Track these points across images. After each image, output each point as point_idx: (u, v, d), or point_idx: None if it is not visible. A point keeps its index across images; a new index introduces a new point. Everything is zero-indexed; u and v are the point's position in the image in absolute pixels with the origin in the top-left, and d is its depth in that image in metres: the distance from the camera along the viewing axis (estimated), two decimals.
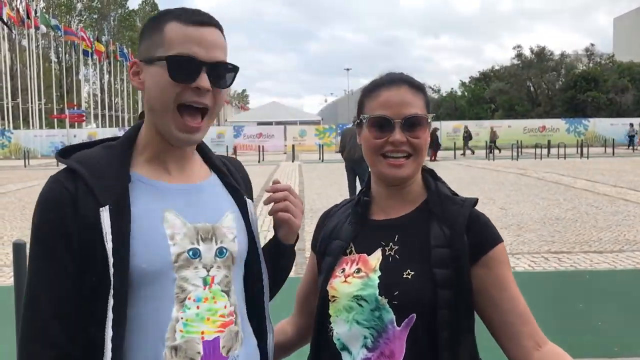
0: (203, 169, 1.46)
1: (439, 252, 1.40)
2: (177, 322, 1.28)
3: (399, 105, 1.44)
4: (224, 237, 1.36)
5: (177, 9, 1.35)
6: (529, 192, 14.76)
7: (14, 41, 47.01)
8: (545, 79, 51.88)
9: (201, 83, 1.28)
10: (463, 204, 1.46)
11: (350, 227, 1.53)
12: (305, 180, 19.15)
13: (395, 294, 1.38)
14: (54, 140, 37.68)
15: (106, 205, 1.25)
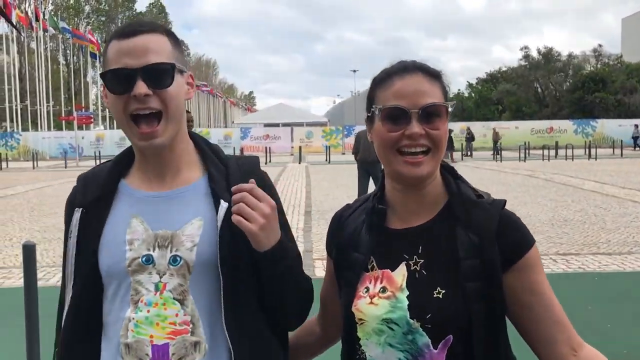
0: (193, 172, 1.44)
1: (469, 263, 1.28)
2: (129, 322, 1.35)
3: (414, 94, 1.31)
4: (181, 245, 1.35)
5: (118, 28, 1.44)
6: (536, 194, 14.71)
7: (22, 44, 47.26)
8: (553, 80, 51.69)
9: (137, 90, 1.31)
10: (490, 208, 1.33)
11: (368, 237, 1.39)
12: (312, 181, 19.15)
13: (428, 317, 1.27)
14: (62, 142, 37.86)
15: (80, 208, 1.42)
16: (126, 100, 1.33)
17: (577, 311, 5.66)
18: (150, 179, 1.43)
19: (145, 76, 1.32)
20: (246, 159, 1.53)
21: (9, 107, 42.11)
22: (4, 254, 8.75)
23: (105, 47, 1.41)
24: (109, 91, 1.36)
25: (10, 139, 38.17)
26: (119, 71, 1.33)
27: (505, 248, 1.30)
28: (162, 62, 1.34)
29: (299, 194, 15.50)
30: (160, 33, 1.38)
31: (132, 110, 1.33)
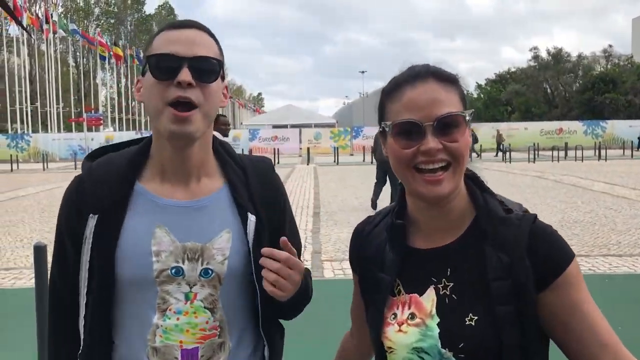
0: (214, 181, 1.43)
1: (500, 285, 1.18)
2: (157, 328, 1.36)
3: (427, 104, 1.19)
4: (212, 258, 1.37)
5: (168, 23, 1.42)
6: (546, 195, 14.64)
7: (33, 46, 47.56)
8: (563, 81, 51.44)
9: (181, 77, 1.28)
10: (520, 224, 1.21)
11: (392, 256, 1.30)
12: (320, 182, 19.15)
13: (461, 346, 1.18)
14: (72, 143, 38.09)
15: (96, 215, 1.35)
16: (167, 86, 1.30)
17: None
18: (172, 185, 1.40)
19: (192, 66, 1.30)
20: (261, 162, 1.53)
21: (20, 108, 42.40)
22: (15, 254, 8.80)
23: (151, 38, 1.38)
24: (152, 75, 1.32)
25: (21, 140, 38.43)
26: (166, 56, 1.30)
27: (539, 265, 1.18)
28: (211, 56, 1.33)
29: (307, 195, 15.50)
30: (210, 35, 1.38)
31: (172, 98, 1.29)
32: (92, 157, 1.48)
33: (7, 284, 7.13)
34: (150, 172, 1.42)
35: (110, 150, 1.50)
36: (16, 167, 29.91)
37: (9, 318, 5.65)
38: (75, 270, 1.40)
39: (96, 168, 1.43)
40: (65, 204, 1.43)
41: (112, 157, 1.45)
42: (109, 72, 62.68)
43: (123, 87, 60.92)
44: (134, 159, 1.43)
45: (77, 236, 1.38)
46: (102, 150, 1.51)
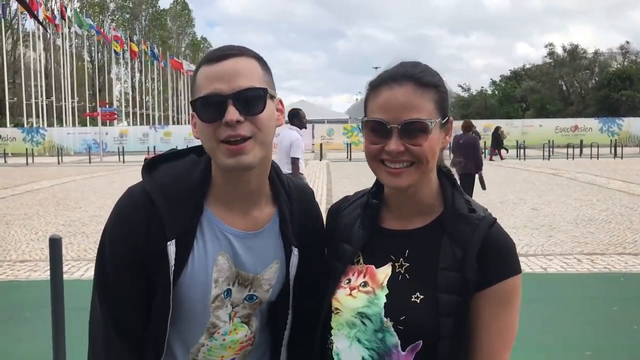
0: (267, 210, 1.45)
1: (447, 275, 1.27)
2: (202, 346, 1.42)
3: (398, 108, 1.26)
4: (259, 287, 1.43)
5: (207, 53, 1.37)
6: (561, 193, 14.51)
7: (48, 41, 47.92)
8: (578, 78, 50.94)
9: (228, 117, 1.26)
10: (479, 225, 1.30)
11: (360, 232, 1.40)
12: (333, 179, 19.13)
13: (402, 319, 1.28)
14: (87, 137, 38.38)
15: (173, 240, 1.32)
16: (217, 127, 1.28)
17: (603, 312, 5.57)
18: (232, 211, 1.40)
19: (237, 102, 1.27)
20: (304, 191, 1.56)
21: (35, 103, 42.75)
22: (31, 247, 8.89)
23: (194, 74, 1.36)
24: (199, 119, 1.31)
25: (36, 134, 38.79)
26: (209, 98, 1.28)
27: (483, 268, 1.26)
28: (254, 86, 1.30)
29: (320, 191, 15.50)
30: (250, 57, 1.34)
31: (224, 138, 1.28)
32: (150, 167, 1.42)
33: (23, 276, 7.20)
34: (214, 196, 1.40)
35: (167, 160, 1.44)
36: (31, 161, 30.20)
37: (25, 310, 5.70)
38: (138, 291, 1.35)
39: (165, 185, 1.36)
40: (128, 224, 1.34)
41: (176, 172, 1.40)
42: (124, 67, 63.06)
43: (137, 81, 61.22)
44: (203, 179, 1.39)
45: (144, 259, 1.33)
46: (161, 159, 1.44)
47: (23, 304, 5.98)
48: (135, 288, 1.35)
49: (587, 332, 5.04)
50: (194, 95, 1.33)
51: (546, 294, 6.19)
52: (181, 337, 1.43)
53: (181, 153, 1.46)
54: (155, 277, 1.33)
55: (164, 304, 1.34)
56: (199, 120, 1.31)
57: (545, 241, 8.77)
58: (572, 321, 5.34)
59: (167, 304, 1.34)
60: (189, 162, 1.42)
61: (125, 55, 54.50)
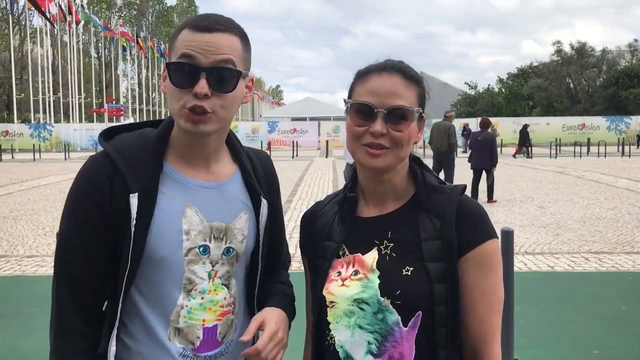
0: (229, 166, 1.51)
1: (430, 244, 1.35)
2: (182, 309, 1.41)
3: (386, 94, 1.36)
4: (234, 237, 1.46)
5: (194, 17, 1.41)
6: (568, 191, 14.45)
7: (56, 37, 48.08)
8: (586, 76, 50.64)
9: (198, 89, 1.31)
10: (451, 193, 1.39)
11: (340, 226, 1.45)
12: (339, 176, 19.10)
13: (398, 294, 1.33)
14: (93, 134, 38.47)
15: (135, 193, 1.36)
16: (185, 93, 1.34)
17: (611, 311, 5.54)
18: (195, 166, 1.45)
19: (210, 76, 1.32)
20: (260, 153, 1.64)
21: (42, 99, 42.87)
22: (37, 242, 8.92)
23: (176, 34, 1.39)
24: (170, 82, 1.36)
25: (43, 130, 38.92)
26: (184, 66, 1.33)
27: (461, 233, 1.35)
28: (230, 67, 1.35)
29: (325, 188, 15.49)
30: (234, 34, 1.38)
31: (189, 106, 1.33)
32: (106, 135, 1.47)
33: (30, 271, 7.23)
34: (174, 153, 1.45)
35: (123, 130, 1.50)
36: (38, 157, 30.31)
37: (32, 305, 5.74)
38: (103, 253, 1.38)
39: (123, 147, 1.41)
40: (92, 184, 1.38)
41: (133, 138, 1.46)
42: (130, 64, 63.19)
43: (144, 78, 61.36)
44: (161, 137, 1.45)
45: (108, 215, 1.36)
46: (116, 130, 1.50)
47: (30, 298, 6.01)
48: (96, 249, 1.37)
49: (594, 331, 5.01)
50: (170, 55, 1.38)
51: (553, 293, 6.16)
52: (157, 300, 1.40)
53: (137, 125, 1.53)
54: (120, 236, 1.36)
55: (124, 260, 1.36)
56: (169, 82, 1.36)
57: (553, 239, 8.73)
58: (580, 320, 5.31)
59: (126, 259, 1.35)
60: (146, 131, 1.48)
61: (132, 52, 54.61)
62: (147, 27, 73.03)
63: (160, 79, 1.46)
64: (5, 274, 7.13)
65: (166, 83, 1.39)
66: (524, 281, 6.10)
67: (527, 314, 5.26)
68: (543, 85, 50.26)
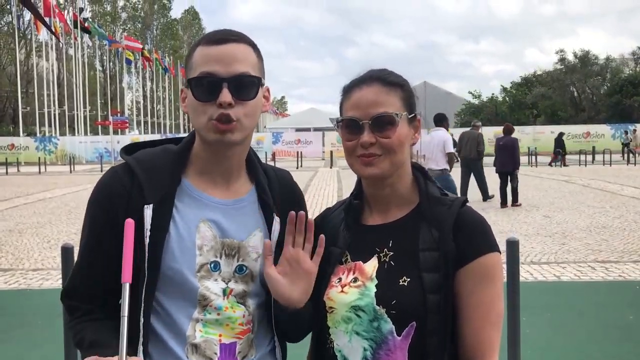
0: (246, 183, 1.52)
1: (428, 255, 1.37)
2: (197, 322, 1.40)
3: (368, 105, 1.40)
4: (247, 255, 1.45)
5: (206, 34, 1.44)
6: (573, 200, 14.40)
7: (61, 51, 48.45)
8: (590, 84, 50.60)
9: (222, 99, 1.35)
10: (452, 205, 1.41)
11: (345, 233, 1.49)
12: (344, 186, 19.11)
13: (393, 303, 1.35)
14: (98, 146, 38.65)
15: (150, 204, 1.37)
16: (210, 106, 1.36)
17: (618, 320, 5.50)
18: (213, 183, 1.46)
19: (232, 86, 1.35)
20: (281, 171, 1.64)
21: (48, 112, 43.07)
22: (43, 255, 8.94)
23: (191, 51, 1.42)
24: (194, 97, 1.38)
25: (49, 143, 39.09)
26: (205, 79, 1.36)
27: (460, 244, 1.36)
28: (249, 74, 1.38)
29: (330, 199, 15.48)
30: (247, 44, 1.42)
31: (216, 117, 1.36)
32: (128, 150, 1.50)
33: (35, 284, 7.24)
34: (193, 169, 1.47)
35: (145, 146, 1.52)
36: (44, 170, 30.45)
37: (37, 318, 5.74)
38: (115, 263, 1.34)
39: (143, 159, 1.44)
40: (110, 193, 1.40)
41: (154, 152, 1.48)
42: (135, 76, 63.53)
43: (148, 90, 61.65)
44: (181, 153, 1.47)
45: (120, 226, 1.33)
46: (137, 146, 1.52)
47: (35, 312, 6.01)
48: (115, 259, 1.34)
49: (601, 341, 4.97)
50: (189, 73, 1.41)
51: (560, 302, 6.13)
52: (173, 316, 1.39)
53: (159, 142, 1.55)
54: (137, 247, 1.34)
55: (142, 272, 1.35)
56: (192, 97, 1.39)
57: (559, 249, 8.69)
58: (586, 330, 5.27)
59: (143, 272, 1.35)
60: (167, 146, 1.51)
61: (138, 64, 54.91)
62: (151, 40, 73.48)
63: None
64: (11, 287, 7.14)
65: (188, 100, 1.41)
66: (530, 291, 6.07)
67: (534, 324, 5.22)
68: (547, 94, 50.25)
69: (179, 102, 9.70)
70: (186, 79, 1.42)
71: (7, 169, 29.81)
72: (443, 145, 9.46)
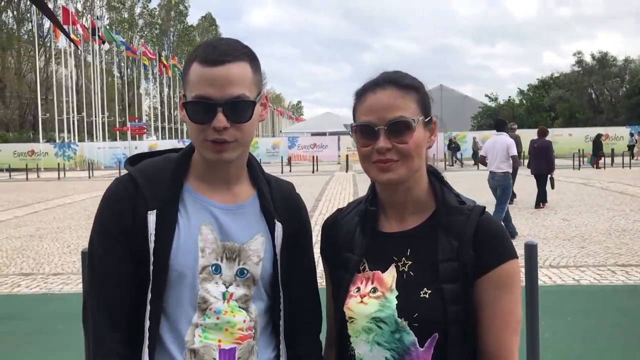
0: (248, 189, 1.54)
1: (447, 266, 1.34)
2: (196, 328, 1.41)
3: (383, 109, 1.36)
4: (248, 259, 1.46)
5: (202, 48, 1.41)
6: (592, 203, 14.24)
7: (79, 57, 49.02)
8: (608, 86, 50.01)
9: (216, 124, 1.36)
10: (470, 214, 1.38)
11: (361, 239, 1.46)
12: (360, 190, 19.09)
13: (415, 316, 1.33)
14: (117, 152, 39.03)
15: (154, 210, 1.41)
16: (205, 128, 1.38)
17: (639, 325, 5.42)
18: (215, 188, 1.49)
19: (226, 110, 1.36)
20: (283, 182, 1.65)
21: (67, 118, 43.60)
22: (63, 260, 9.04)
23: (187, 66, 1.43)
24: (189, 119, 1.40)
25: (68, 149, 39.55)
26: (200, 104, 1.37)
27: (480, 254, 1.34)
28: (244, 98, 1.38)
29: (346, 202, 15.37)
30: (243, 60, 1.40)
31: (210, 139, 1.38)
32: (132, 161, 1.54)
33: (56, 288, 7.33)
34: (195, 175, 1.50)
35: (148, 157, 1.56)
36: (63, 175, 30.79)
37: (57, 322, 5.81)
38: (132, 272, 1.40)
39: (145, 169, 1.48)
40: (115, 203, 1.44)
41: (156, 161, 1.53)
42: (152, 82, 64.08)
43: (166, 96, 62.17)
44: (182, 161, 1.50)
45: (131, 233, 1.40)
46: (141, 157, 1.57)
47: (56, 316, 6.08)
48: (124, 269, 1.40)
49: (622, 346, 4.91)
50: (185, 89, 1.42)
51: (579, 307, 6.06)
52: (173, 321, 1.41)
53: (162, 152, 1.59)
54: (144, 254, 1.39)
55: (145, 275, 1.39)
56: (188, 119, 1.41)
57: (578, 252, 8.59)
58: (607, 334, 5.21)
59: (147, 274, 1.38)
60: (169, 155, 1.55)
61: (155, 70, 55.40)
62: (168, 46, 74.10)
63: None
64: (31, 292, 7.23)
65: (186, 118, 1.43)
66: (549, 295, 6.01)
67: (553, 328, 5.17)
68: (565, 96, 49.77)
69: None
70: (182, 94, 1.45)
71: (27, 174, 30.20)
72: (507, 150, 9.83)
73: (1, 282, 7.70)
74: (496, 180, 9.83)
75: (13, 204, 17.33)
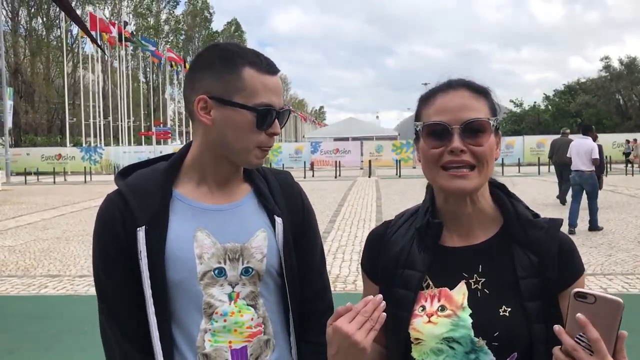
0: (244, 186, 1.54)
1: (529, 282, 1.27)
2: (205, 333, 1.42)
3: (457, 109, 1.28)
4: (252, 257, 1.46)
5: (248, 54, 1.42)
6: (620, 210, 14.00)
7: (106, 63, 49.77)
8: (636, 91, 49.17)
9: (277, 130, 1.43)
10: (549, 228, 1.32)
11: (422, 254, 1.35)
12: (383, 196, 19.02)
13: (495, 335, 1.25)
14: (142, 156, 39.42)
15: (142, 226, 1.40)
16: (261, 134, 1.44)
17: None
18: (207, 189, 1.49)
19: (279, 117, 1.44)
20: (281, 173, 1.65)
21: (93, 122, 44.26)
22: (89, 263, 9.15)
23: (232, 67, 1.39)
24: (256, 124, 1.41)
25: (94, 153, 40.14)
26: (269, 109, 1.42)
27: (564, 270, 1.30)
28: (288, 108, 1.48)
29: (369, 208, 15.43)
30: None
31: (262, 145, 1.44)
32: (123, 174, 1.53)
33: (82, 290, 7.44)
34: (186, 178, 1.50)
35: (139, 167, 1.56)
36: (89, 179, 31.25)
37: (83, 323, 5.90)
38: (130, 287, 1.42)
39: (133, 183, 1.48)
40: (108, 222, 1.45)
41: (144, 172, 1.52)
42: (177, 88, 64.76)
43: None
44: (168, 169, 1.50)
45: (126, 251, 1.41)
46: (132, 168, 1.56)
47: (82, 317, 6.17)
48: (126, 284, 1.42)
49: None
50: (242, 93, 1.39)
51: None
52: (183, 329, 1.42)
53: (152, 161, 1.59)
54: (139, 268, 1.40)
55: (146, 290, 1.39)
56: (251, 125, 1.43)
57: (605, 260, 8.45)
58: (636, 345, 5.10)
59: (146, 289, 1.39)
60: (157, 165, 1.54)
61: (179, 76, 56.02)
62: (193, 52, 74.82)
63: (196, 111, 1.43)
64: (58, 293, 7.36)
65: (237, 122, 1.39)
66: None
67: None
68: (591, 102, 49.03)
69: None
70: (230, 98, 1.39)
71: (55, 178, 30.71)
72: (590, 153, 10.77)
73: (29, 284, 7.85)
74: (584, 178, 10.90)
75: (41, 207, 17.64)
